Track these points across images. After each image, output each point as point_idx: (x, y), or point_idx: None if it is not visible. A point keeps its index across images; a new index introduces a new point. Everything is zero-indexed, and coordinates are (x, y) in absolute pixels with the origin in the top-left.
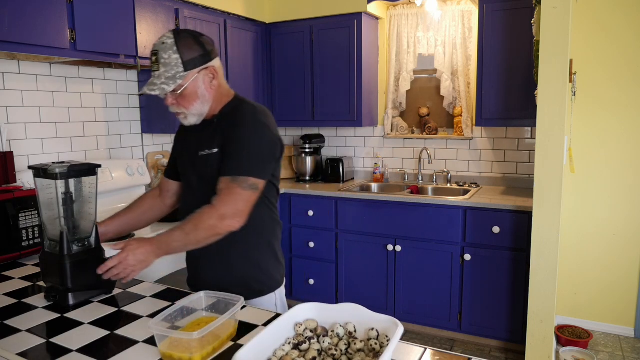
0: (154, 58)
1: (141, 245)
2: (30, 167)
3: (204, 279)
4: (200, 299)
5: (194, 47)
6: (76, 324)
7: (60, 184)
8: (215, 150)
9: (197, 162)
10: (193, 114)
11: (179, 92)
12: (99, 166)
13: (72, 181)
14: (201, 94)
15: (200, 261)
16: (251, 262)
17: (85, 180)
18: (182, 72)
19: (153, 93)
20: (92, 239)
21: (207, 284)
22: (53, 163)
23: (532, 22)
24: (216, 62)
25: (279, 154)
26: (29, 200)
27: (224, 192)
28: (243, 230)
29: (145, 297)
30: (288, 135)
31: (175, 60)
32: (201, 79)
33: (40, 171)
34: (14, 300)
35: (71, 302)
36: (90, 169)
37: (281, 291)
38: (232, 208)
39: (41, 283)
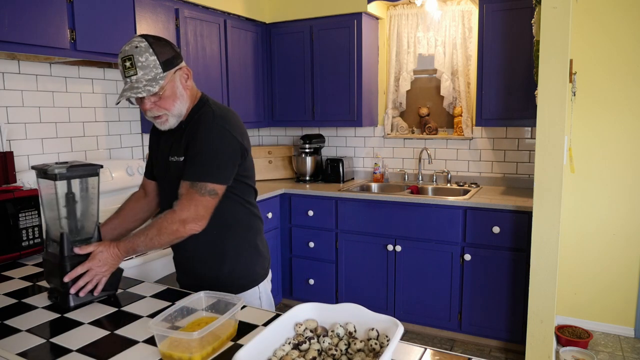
0: (128, 63)
1: (107, 248)
2: (33, 167)
3: (189, 278)
4: (200, 299)
5: (166, 48)
6: (76, 324)
7: (61, 184)
8: (182, 158)
9: (169, 167)
10: (174, 115)
11: (160, 93)
12: (101, 166)
13: (74, 181)
14: (180, 93)
15: (185, 262)
16: (230, 259)
17: (87, 180)
18: (162, 73)
19: (139, 96)
20: (95, 240)
21: (192, 283)
22: (56, 163)
23: (532, 22)
24: (184, 64)
25: (239, 158)
26: (29, 200)
27: (184, 197)
28: (218, 230)
29: (145, 297)
30: (288, 135)
31: (153, 62)
32: (177, 79)
33: (41, 171)
34: (14, 300)
35: (72, 304)
36: (91, 170)
37: (265, 284)
38: (192, 213)
39: (43, 283)
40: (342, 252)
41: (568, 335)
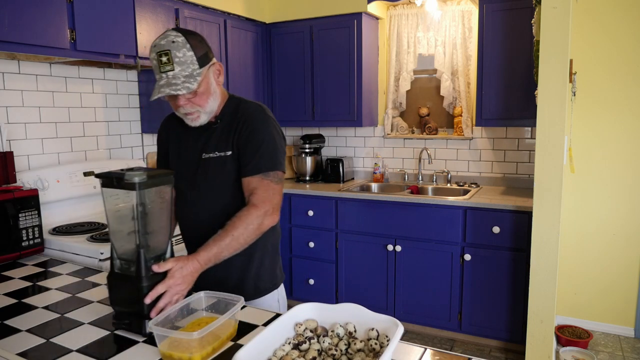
0: (164, 58)
1: (187, 263)
2: (97, 176)
3: (205, 281)
4: (200, 299)
5: (201, 44)
6: (76, 323)
7: (137, 194)
8: (229, 152)
9: (203, 164)
10: (206, 112)
11: (196, 89)
12: (173, 173)
13: (148, 191)
14: (213, 90)
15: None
16: (255, 262)
17: (161, 189)
18: (198, 69)
19: (179, 93)
20: (168, 256)
21: (209, 286)
22: (122, 170)
23: (532, 22)
24: (215, 59)
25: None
26: (29, 200)
27: (260, 189)
28: None
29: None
30: (288, 135)
31: (190, 57)
32: (211, 74)
33: (112, 180)
34: (14, 300)
35: (148, 330)
36: (166, 178)
37: (281, 287)
38: (271, 204)
39: (42, 283)
40: (342, 252)
41: (568, 335)
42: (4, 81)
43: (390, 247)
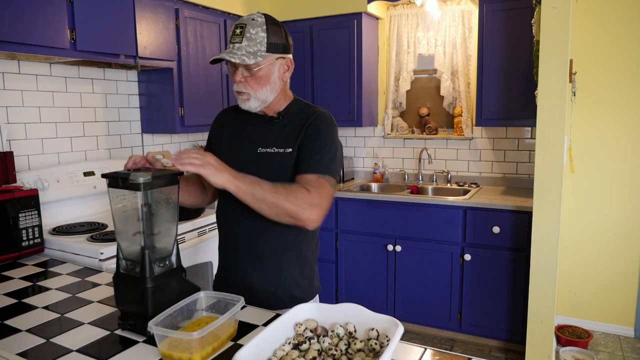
0: (238, 30)
1: (222, 163)
2: (103, 176)
3: (245, 283)
4: (200, 299)
5: (281, 34)
6: (76, 323)
7: (143, 195)
8: (289, 150)
9: (258, 158)
10: (257, 98)
11: (254, 70)
12: (181, 173)
13: (153, 192)
14: (273, 80)
15: (249, 264)
16: (300, 269)
17: (167, 190)
18: (264, 52)
19: (232, 60)
20: (174, 258)
21: (247, 290)
22: (129, 171)
23: (532, 22)
24: (291, 56)
25: None
26: (29, 200)
27: (316, 184)
28: (300, 234)
29: None
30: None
31: (262, 38)
32: (277, 65)
33: (118, 180)
34: (14, 300)
35: (148, 329)
36: (173, 178)
37: (316, 298)
38: (320, 201)
39: (42, 283)
40: (342, 252)
41: (568, 335)
42: (4, 81)
43: (390, 247)
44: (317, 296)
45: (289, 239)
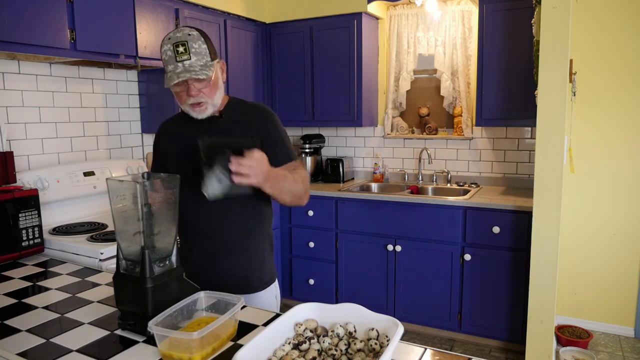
0: (181, 48)
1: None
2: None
3: (209, 277)
4: (200, 299)
5: (210, 41)
6: (76, 323)
7: (140, 194)
8: None
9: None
10: (214, 104)
11: (208, 80)
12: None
13: (152, 193)
14: (220, 84)
15: (209, 257)
16: (257, 256)
17: (165, 189)
18: (210, 61)
19: (200, 77)
20: (174, 258)
21: (209, 282)
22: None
23: (532, 22)
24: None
25: None
26: (29, 200)
27: (298, 168)
28: (259, 219)
29: None
30: (288, 135)
31: (204, 50)
32: (218, 69)
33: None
34: (14, 300)
35: (152, 332)
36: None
37: (276, 281)
38: (307, 178)
39: (42, 283)
40: (342, 252)
41: (568, 335)
42: (4, 81)
43: (390, 247)
44: (276, 283)
45: (250, 224)
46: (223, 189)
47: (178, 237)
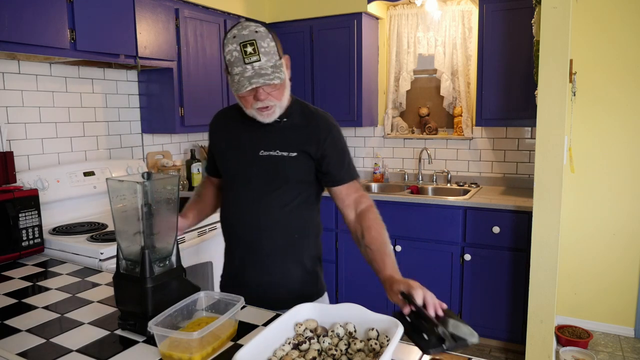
0: (250, 48)
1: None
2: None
3: (243, 287)
4: (200, 299)
5: (277, 36)
6: (76, 323)
7: (140, 194)
8: (294, 154)
9: (260, 161)
10: (281, 107)
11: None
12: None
13: (152, 193)
14: (287, 84)
15: (255, 265)
16: (305, 268)
17: (165, 189)
18: (279, 60)
19: (274, 83)
20: (174, 258)
21: (244, 292)
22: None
23: (532, 22)
24: None
25: None
26: (29, 200)
27: (361, 191)
28: (304, 234)
29: None
30: None
31: (273, 48)
32: (284, 67)
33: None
34: (14, 300)
35: (148, 329)
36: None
37: (325, 296)
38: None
39: (42, 283)
40: (342, 252)
41: (568, 335)
42: (4, 81)
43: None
44: (326, 294)
45: (294, 238)
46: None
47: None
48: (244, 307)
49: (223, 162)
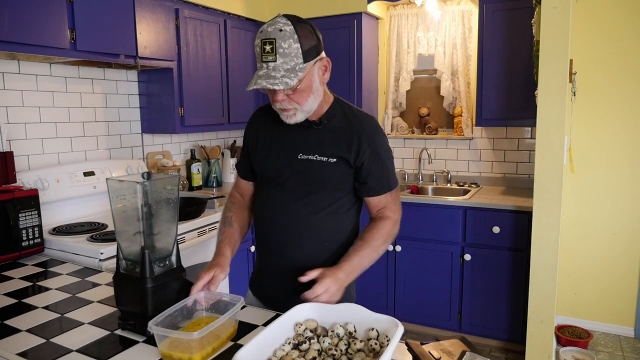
0: (268, 47)
1: (335, 273)
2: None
3: (277, 289)
4: (200, 299)
5: (311, 34)
6: (76, 323)
7: (140, 194)
8: (333, 160)
9: (298, 165)
10: (304, 111)
11: (297, 86)
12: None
13: (152, 193)
14: (315, 88)
15: (282, 270)
16: None
17: (165, 189)
18: (302, 64)
19: (276, 88)
20: (174, 258)
21: (270, 298)
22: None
23: (532, 22)
24: (324, 54)
25: None
26: (29, 200)
27: (392, 203)
28: (334, 241)
29: None
30: None
31: (296, 50)
32: (316, 71)
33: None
34: (14, 300)
35: (148, 330)
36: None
37: None
38: (400, 213)
39: (42, 283)
40: None
41: (568, 335)
42: (4, 81)
43: (390, 247)
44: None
45: (324, 246)
46: None
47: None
48: (244, 307)
49: (259, 160)
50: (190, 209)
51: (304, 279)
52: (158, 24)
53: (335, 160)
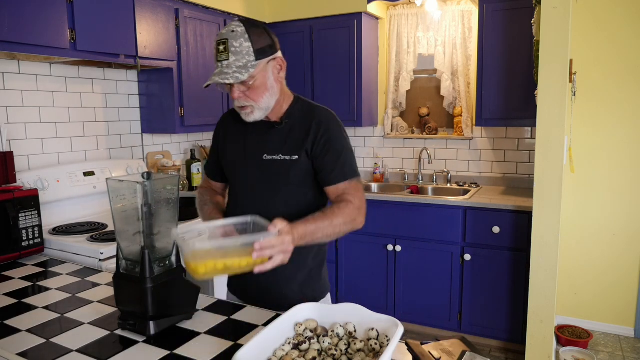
0: (221, 47)
1: (292, 233)
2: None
3: (255, 285)
4: (247, 223)
5: (264, 35)
6: (76, 323)
7: (140, 194)
8: (295, 157)
9: (263, 165)
10: (261, 108)
11: (250, 83)
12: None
13: (152, 193)
14: (270, 85)
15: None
16: (310, 269)
17: (165, 189)
18: (254, 61)
19: (226, 82)
20: (174, 258)
21: (258, 291)
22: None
23: (532, 22)
24: (280, 54)
25: None
26: (29, 200)
27: (351, 190)
28: None
29: None
30: None
31: (247, 48)
32: (270, 69)
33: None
34: (14, 300)
35: (152, 331)
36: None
37: (328, 297)
38: (361, 203)
39: (42, 283)
40: (342, 252)
41: (568, 335)
42: (4, 81)
43: (390, 247)
44: (329, 295)
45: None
46: None
47: None
48: (244, 307)
49: (228, 165)
50: (190, 209)
51: (273, 229)
52: (158, 24)
53: (296, 157)
